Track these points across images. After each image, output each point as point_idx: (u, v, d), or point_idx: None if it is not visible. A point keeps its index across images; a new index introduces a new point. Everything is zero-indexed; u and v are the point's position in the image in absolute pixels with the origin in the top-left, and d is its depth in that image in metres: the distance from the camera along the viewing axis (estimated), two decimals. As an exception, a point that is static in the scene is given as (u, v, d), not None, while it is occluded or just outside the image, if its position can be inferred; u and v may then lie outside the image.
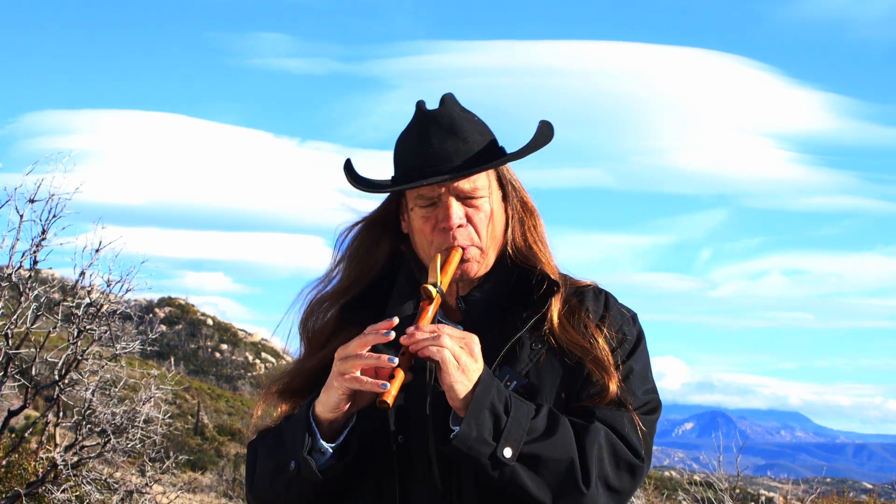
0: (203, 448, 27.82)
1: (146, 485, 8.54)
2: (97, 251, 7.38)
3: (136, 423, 7.87)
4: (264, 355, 47.30)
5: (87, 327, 7.33)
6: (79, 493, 7.62)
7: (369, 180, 1.99)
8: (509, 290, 1.97)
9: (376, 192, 1.97)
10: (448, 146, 1.87)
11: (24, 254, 7.05)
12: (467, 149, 1.87)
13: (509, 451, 1.71)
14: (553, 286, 1.92)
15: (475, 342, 1.77)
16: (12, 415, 7.52)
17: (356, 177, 1.99)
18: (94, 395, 7.67)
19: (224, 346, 47.75)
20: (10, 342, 7.02)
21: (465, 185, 1.88)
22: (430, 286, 1.81)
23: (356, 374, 1.74)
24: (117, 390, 8.02)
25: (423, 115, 1.90)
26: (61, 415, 7.69)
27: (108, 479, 7.93)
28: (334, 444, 1.81)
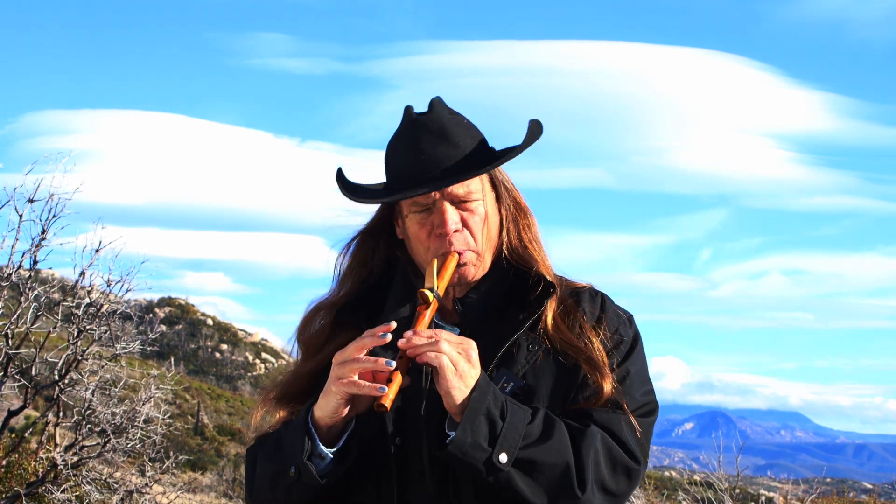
0: (203, 448, 27.82)
1: (146, 485, 8.54)
2: (97, 251, 7.38)
3: (136, 423, 7.87)
4: (264, 355, 47.31)
5: (87, 327, 7.33)
6: (79, 493, 7.63)
7: (363, 189, 1.98)
8: (506, 292, 1.97)
9: (370, 202, 1.97)
10: (440, 152, 1.86)
11: (23, 254, 7.05)
12: (459, 153, 1.87)
13: (505, 457, 1.71)
14: (549, 287, 1.92)
15: (473, 347, 1.76)
16: (12, 415, 7.52)
17: (349, 187, 1.98)
18: (94, 395, 7.67)
19: (224, 346, 47.75)
20: (10, 342, 7.02)
21: (459, 189, 1.88)
22: (427, 291, 1.81)
23: (354, 378, 1.74)
24: (117, 390, 8.02)
25: (413, 121, 1.90)
26: (61, 415, 7.69)
27: (108, 479, 7.93)
28: (334, 449, 1.81)
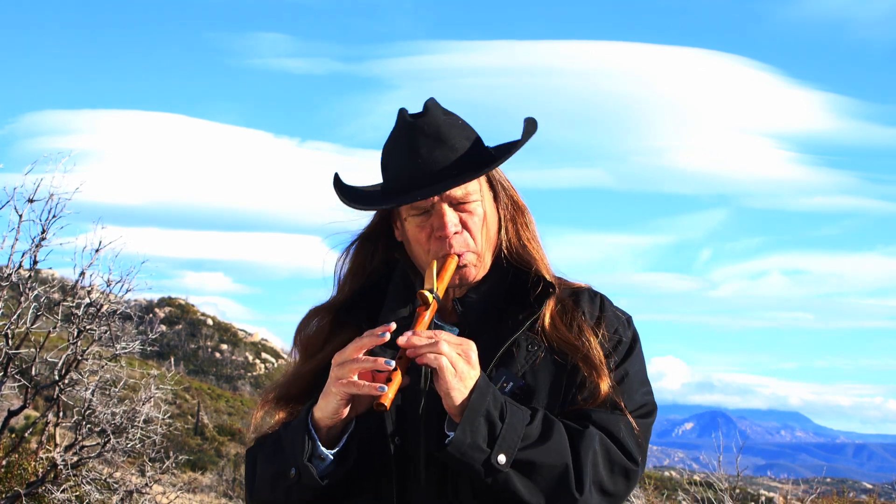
0: (203, 448, 27.83)
1: (146, 485, 8.54)
2: (97, 251, 7.38)
3: (136, 423, 7.87)
4: (264, 355, 47.32)
5: (87, 327, 7.33)
6: (79, 493, 7.63)
7: (361, 195, 1.99)
8: (506, 292, 1.97)
9: (369, 209, 1.98)
10: (437, 155, 1.86)
11: (23, 254, 7.05)
12: (455, 156, 1.87)
13: (503, 458, 1.72)
14: (549, 287, 1.93)
15: (472, 348, 1.77)
16: (12, 415, 7.52)
17: (347, 193, 1.98)
18: (94, 395, 7.67)
19: (224, 346, 47.76)
20: (10, 342, 7.02)
21: (457, 191, 1.88)
22: (427, 292, 1.82)
23: (353, 378, 1.74)
24: (117, 390, 8.02)
25: (408, 124, 1.89)
26: (61, 415, 7.69)
27: (108, 479, 7.93)
28: (334, 451, 1.81)
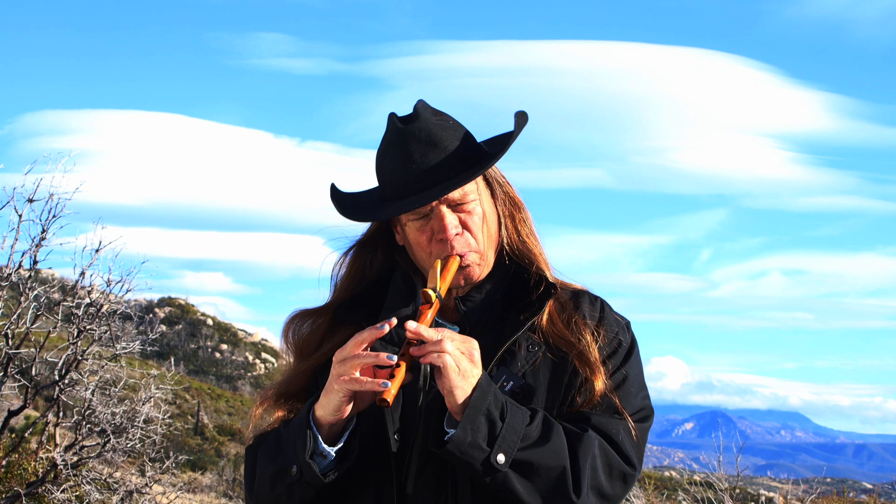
0: (203, 448, 27.83)
1: (146, 485, 8.54)
2: (97, 251, 7.39)
3: (136, 423, 7.87)
4: (264, 355, 47.30)
5: (87, 327, 7.33)
6: (79, 493, 7.62)
7: (359, 203, 1.98)
8: (507, 290, 1.98)
9: (368, 220, 1.98)
10: (431, 159, 1.86)
11: (23, 254, 7.06)
12: (450, 158, 1.87)
13: (502, 458, 1.72)
14: (551, 288, 1.93)
15: (475, 347, 1.77)
16: (12, 415, 7.52)
17: (344, 203, 1.98)
18: (94, 395, 7.67)
19: (224, 346, 47.75)
20: (10, 342, 7.02)
21: (455, 193, 1.89)
22: (430, 291, 1.82)
23: (355, 374, 1.74)
24: (117, 390, 8.02)
25: (399, 130, 1.89)
26: (61, 415, 7.68)
27: (108, 479, 7.93)
28: (336, 448, 1.81)
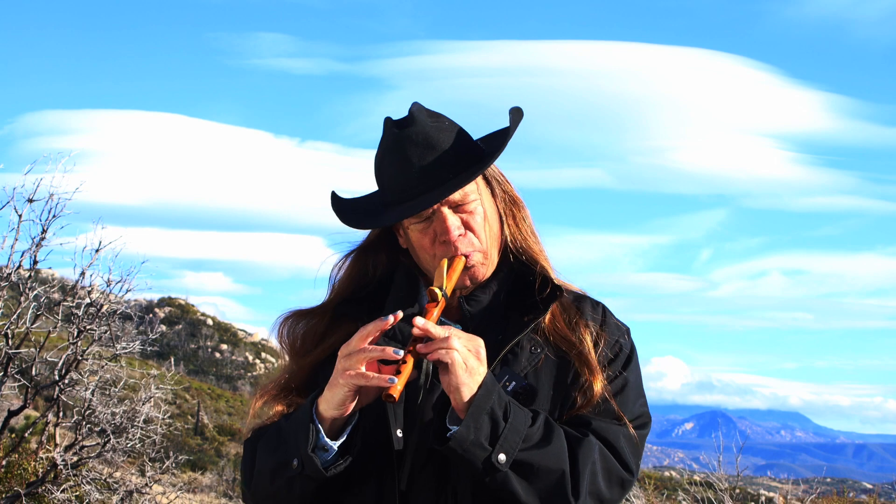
0: (203, 448, 27.84)
1: (146, 485, 8.54)
2: (97, 251, 7.38)
3: (136, 423, 7.87)
4: (264, 355, 47.30)
5: (87, 327, 7.33)
6: (79, 493, 7.62)
7: (359, 211, 1.98)
8: (510, 290, 1.98)
9: (370, 227, 1.98)
10: (429, 162, 1.86)
11: (23, 253, 7.05)
12: (448, 160, 1.87)
13: (503, 457, 1.72)
14: (556, 291, 1.94)
15: (482, 345, 1.77)
16: (12, 415, 7.52)
17: (346, 213, 1.98)
18: (94, 395, 7.67)
19: (224, 346, 47.76)
20: (10, 342, 7.02)
21: (456, 194, 1.89)
22: (437, 289, 1.83)
23: (361, 369, 1.74)
24: (117, 390, 8.02)
25: (396, 135, 1.88)
26: (61, 415, 7.68)
27: (108, 479, 7.92)
28: (338, 442, 1.80)
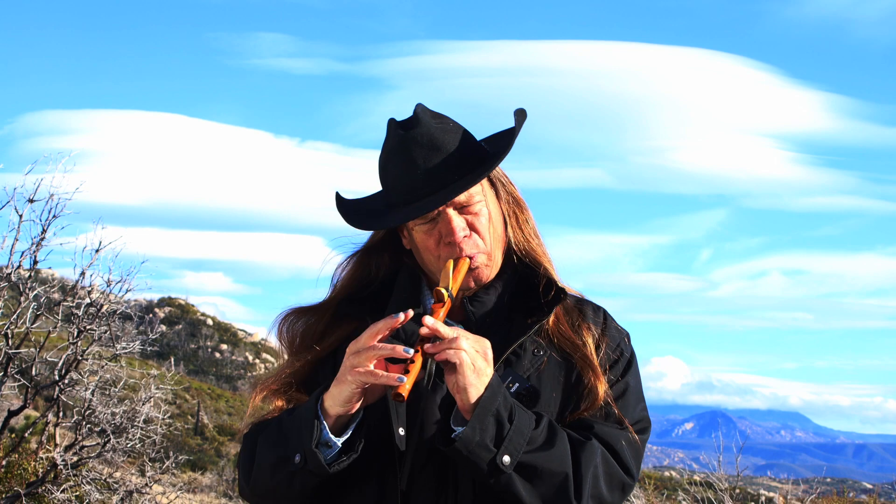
0: (203, 448, 27.86)
1: (146, 485, 8.53)
2: (97, 251, 7.38)
3: (136, 423, 7.87)
4: (264, 355, 47.29)
5: (87, 327, 7.33)
6: (79, 493, 7.62)
7: (364, 211, 1.99)
8: (514, 292, 1.98)
9: (376, 228, 1.99)
10: (434, 163, 1.86)
11: (23, 253, 7.05)
12: (454, 161, 1.87)
13: (508, 459, 1.73)
14: (560, 294, 1.94)
15: (488, 346, 1.78)
16: (12, 415, 7.52)
17: (351, 214, 1.99)
18: (94, 395, 7.67)
19: (224, 346, 47.78)
20: (10, 342, 7.02)
21: (461, 195, 1.89)
22: (443, 290, 1.83)
23: (370, 367, 1.74)
24: (117, 390, 8.02)
25: (401, 136, 1.88)
26: (61, 415, 7.68)
27: (108, 479, 7.92)
28: (342, 439, 1.80)
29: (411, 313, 1.77)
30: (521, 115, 1.96)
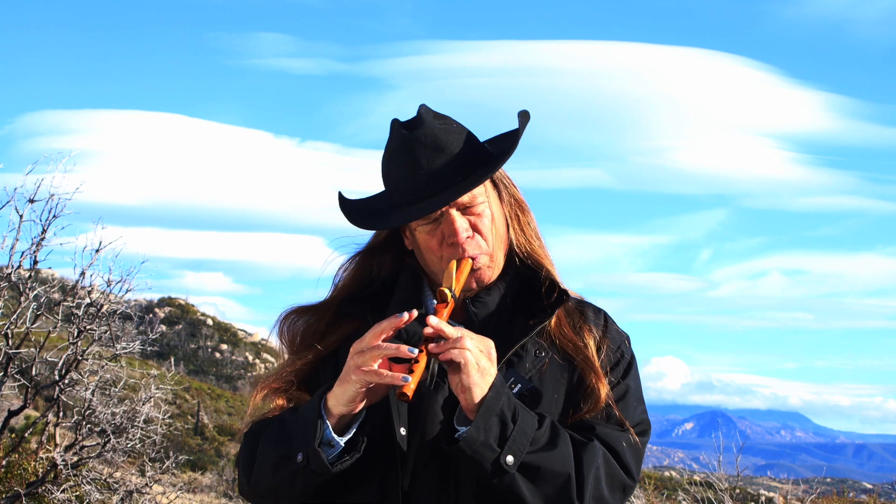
0: (203, 448, 27.86)
1: (146, 485, 8.53)
2: (97, 251, 7.38)
3: (136, 423, 7.87)
4: (264, 355, 47.29)
5: (87, 327, 7.33)
6: (79, 493, 7.62)
7: (367, 211, 1.99)
8: (516, 294, 1.99)
9: (379, 228, 1.99)
10: (438, 164, 1.86)
11: (23, 254, 7.06)
12: (457, 162, 1.87)
13: (511, 459, 1.73)
14: (563, 296, 1.95)
15: (492, 346, 1.78)
16: (12, 415, 7.52)
17: (354, 214, 1.99)
18: (94, 395, 7.67)
19: (224, 346, 47.78)
20: (10, 342, 7.02)
21: (464, 196, 1.89)
22: (447, 290, 1.83)
23: (374, 367, 1.74)
24: (117, 390, 8.02)
25: (405, 137, 1.89)
26: (61, 415, 7.68)
27: (108, 479, 7.92)
28: (345, 438, 1.80)
29: (416, 313, 1.76)
30: (524, 116, 1.97)
